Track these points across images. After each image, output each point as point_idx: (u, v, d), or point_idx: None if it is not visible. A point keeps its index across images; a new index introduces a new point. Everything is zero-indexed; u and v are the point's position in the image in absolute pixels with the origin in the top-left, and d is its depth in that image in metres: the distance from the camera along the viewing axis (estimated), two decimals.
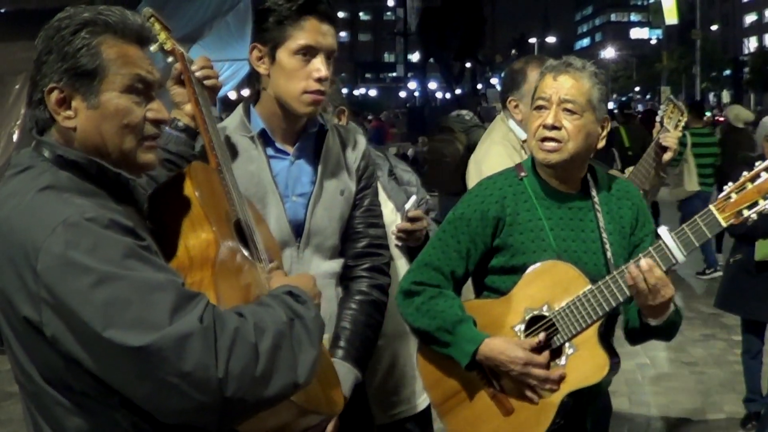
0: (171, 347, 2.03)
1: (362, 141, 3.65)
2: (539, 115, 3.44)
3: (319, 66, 3.30)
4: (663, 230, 3.26)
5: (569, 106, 3.39)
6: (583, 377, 3.34)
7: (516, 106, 4.79)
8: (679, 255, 3.22)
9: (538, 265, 3.42)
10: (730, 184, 3.21)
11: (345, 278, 3.53)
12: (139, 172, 2.44)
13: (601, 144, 3.52)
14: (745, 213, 3.16)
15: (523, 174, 3.56)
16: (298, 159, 3.46)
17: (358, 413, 3.37)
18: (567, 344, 3.36)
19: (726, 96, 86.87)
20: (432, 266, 3.57)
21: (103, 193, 2.28)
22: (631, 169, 5.29)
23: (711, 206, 3.22)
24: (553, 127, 3.38)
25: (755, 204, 3.15)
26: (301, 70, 3.30)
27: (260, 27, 3.34)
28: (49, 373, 2.21)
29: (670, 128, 4.87)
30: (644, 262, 3.19)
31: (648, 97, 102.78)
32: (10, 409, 7.85)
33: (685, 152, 12.38)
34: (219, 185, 2.70)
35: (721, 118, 27.40)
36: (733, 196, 3.18)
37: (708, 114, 30.65)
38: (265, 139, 3.43)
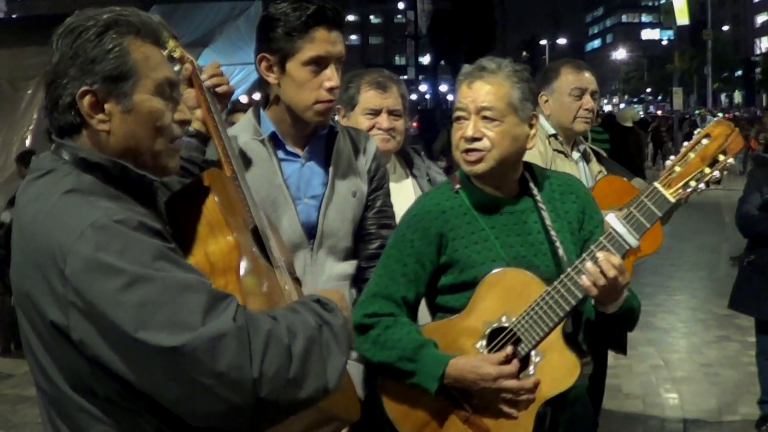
0: (205, 347, 2.01)
1: (372, 142, 3.65)
2: (459, 127, 3.30)
3: (331, 76, 3.32)
4: (611, 217, 3.12)
5: (488, 113, 3.24)
6: (556, 384, 3.21)
7: (546, 101, 5.11)
8: (632, 240, 3.08)
9: (488, 276, 3.26)
10: (671, 157, 3.10)
11: (358, 280, 3.53)
12: (161, 176, 2.41)
13: (532, 143, 3.37)
14: (693, 184, 3.02)
15: (457, 186, 3.40)
16: (309, 161, 3.47)
17: (367, 412, 3.36)
18: (533, 352, 3.22)
19: (738, 96, 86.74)
20: (381, 295, 3.37)
21: (126, 196, 2.25)
22: (640, 180, 5.33)
23: (655, 183, 3.08)
24: (474, 139, 3.25)
25: (701, 173, 3.02)
26: (312, 81, 3.31)
27: (267, 36, 3.33)
28: (74, 378, 2.18)
29: None
30: (600, 255, 3.06)
31: (660, 98, 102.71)
32: (24, 413, 7.87)
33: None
34: (235, 192, 2.69)
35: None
36: (677, 169, 3.04)
37: (721, 116, 30.79)
38: (275, 142, 3.43)
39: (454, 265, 3.33)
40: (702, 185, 3.03)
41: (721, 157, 3.01)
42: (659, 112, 73.17)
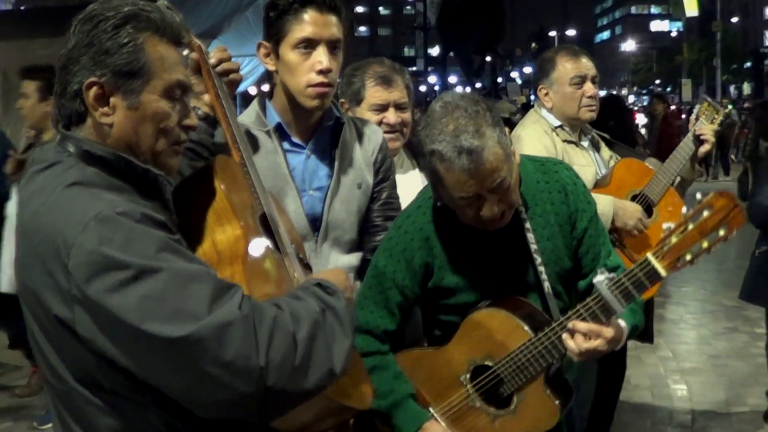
0: (211, 337, 2.00)
1: (379, 133, 3.64)
2: (476, 206, 3.02)
3: (320, 58, 3.30)
4: (600, 282, 2.95)
5: (502, 187, 2.98)
6: (534, 427, 3.22)
7: (546, 94, 5.03)
8: (618, 308, 2.93)
9: (475, 314, 3.22)
10: (670, 225, 2.87)
11: (363, 272, 3.51)
12: (162, 172, 2.40)
13: (516, 158, 3.11)
14: (688, 258, 2.82)
15: (440, 203, 3.19)
16: (314, 153, 3.46)
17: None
18: (515, 394, 3.20)
19: (747, 88, 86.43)
20: (362, 329, 3.28)
21: (130, 188, 2.24)
22: (653, 160, 5.31)
23: (649, 255, 2.88)
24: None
25: (697, 247, 2.81)
26: (303, 64, 3.31)
27: (265, 23, 3.36)
28: (80, 372, 2.18)
29: (706, 123, 4.92)
30: (579, 327, 2.96)
31: (669, 89, 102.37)
32: (33, 404, 7.88)
33: None
34: (243, 179, 2.68)
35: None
36: (673, 239, 2.83)
37: (731, 107, 30.88)
38: (281, 133, 3.43)
39: (445, 291, 3.28)
40: (696, 259, 2.83)
41: (722, 232, 2.80)
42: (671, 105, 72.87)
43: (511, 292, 3.26)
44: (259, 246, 2.50)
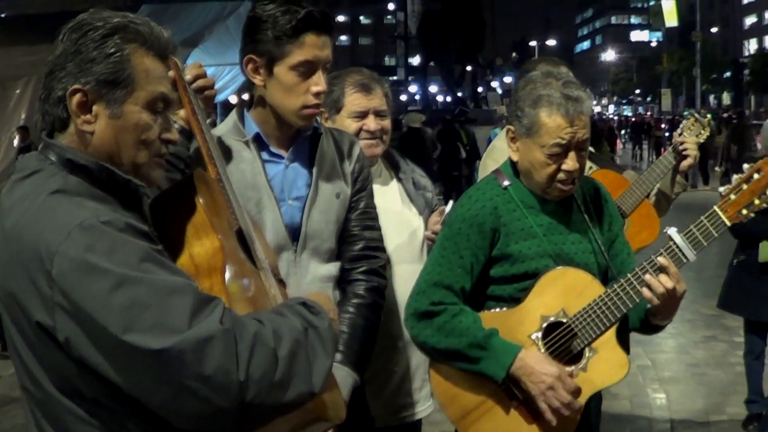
0: (192, 350, 2.00)
1: (356, 144, 3.65)
2: (556, 160, 3.38)
3: (318, 81, 3.31)
4: (673, 231, 3.38)
5: (584, 145, 3.40)
6: (606, 378, 3.44)
7: None
8: (690, 255, 3.35)
9: (549, 272, 3.43)
10: (727, 186, 3.48)
11: (342, 281, 3.52)
12: (143, 183, 2.39)
13: None
14: (744, 212, 3.42)
15: (506, 183, 3.56)
16: (292, 163, 3.46)
17: (357, 417, 3.35)
18: (587, 348, 3.41)
19: (726, 98, 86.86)
20: (442, 285, 3.49)
21: (111, 198, 2.24)
22: (632, 173, 5.32)
23: (715, 207, 3.42)
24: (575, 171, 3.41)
25: (751, 204, 3.42)
26: (299, 86, 3.30)
27: (255, 38, 3.32)
28: (60, 380, 2.17)
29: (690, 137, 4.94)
30: (661, 260, 3.28)
31: (649, 99, 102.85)
32: (12, 414, 7.85)
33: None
34: (220, 194, 2.67)
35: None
36: (732, 197, 3.42)
37: (709, 117, 30.88)
38: (259, 143, 3.42)
39: (506, 259, 3.48)
40: (751, 213, 3.43)
41: None
42: (649, 114, 73.16)
43: (567, 263, 3.49)
44: (236, 260, 2.50)
